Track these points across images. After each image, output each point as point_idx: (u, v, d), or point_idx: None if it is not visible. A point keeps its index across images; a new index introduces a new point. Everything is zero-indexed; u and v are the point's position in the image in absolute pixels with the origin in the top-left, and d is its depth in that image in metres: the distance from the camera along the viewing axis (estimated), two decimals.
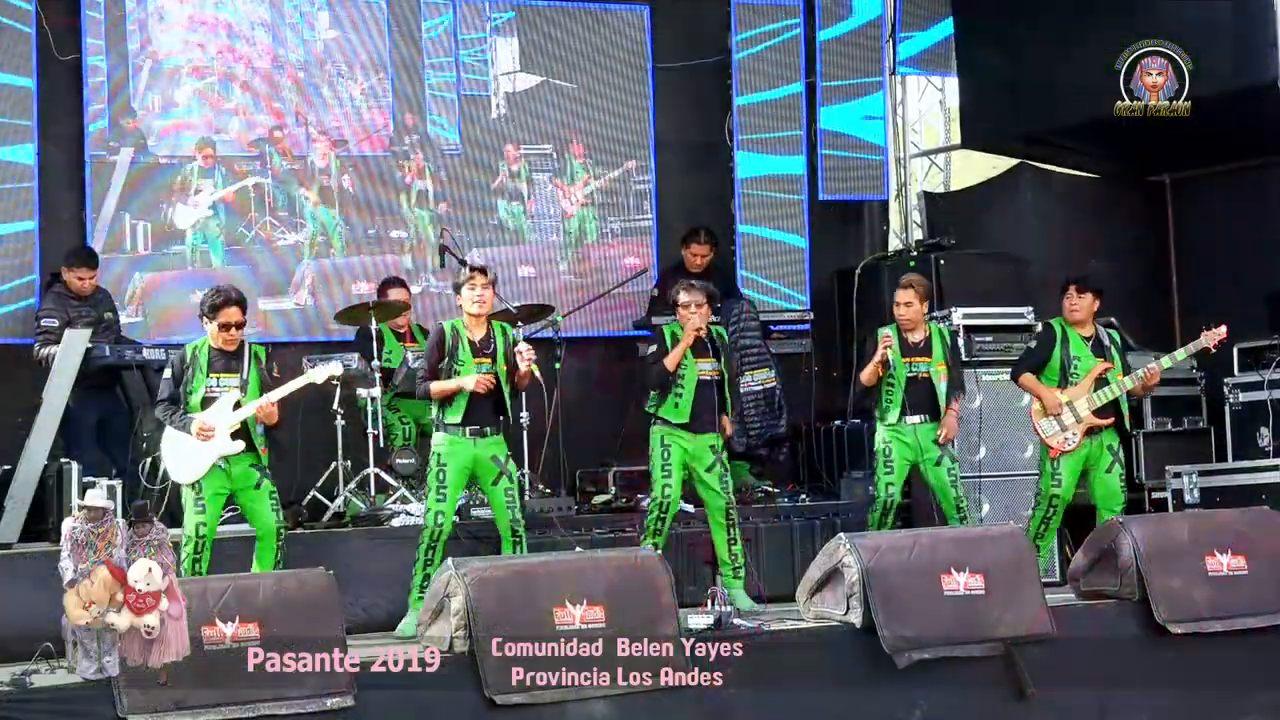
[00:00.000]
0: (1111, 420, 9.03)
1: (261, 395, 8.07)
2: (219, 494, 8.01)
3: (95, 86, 10.58)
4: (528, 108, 11.62)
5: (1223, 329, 9.20)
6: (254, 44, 11.02)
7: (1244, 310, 11.03)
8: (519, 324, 10.23)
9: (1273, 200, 11.58)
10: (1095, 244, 12.15)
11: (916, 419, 9.01)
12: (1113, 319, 10.82)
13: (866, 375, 9.06)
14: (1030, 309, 10.43)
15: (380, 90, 11.26)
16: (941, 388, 9.05)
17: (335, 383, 8.37)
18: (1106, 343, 9.18)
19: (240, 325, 8.11)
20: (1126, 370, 9.11)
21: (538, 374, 8.61)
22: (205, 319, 8.13)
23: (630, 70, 11.89)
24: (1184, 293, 12.20)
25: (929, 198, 12.97)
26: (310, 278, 11.02)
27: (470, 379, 8.22)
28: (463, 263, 10.19)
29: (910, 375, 9.01)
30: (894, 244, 12.72)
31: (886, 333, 9.06)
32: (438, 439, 8.30)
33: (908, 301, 9.08)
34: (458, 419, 8.25)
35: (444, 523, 8.20)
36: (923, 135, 13.65)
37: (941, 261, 11.20)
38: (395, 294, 10.34)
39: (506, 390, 8.36)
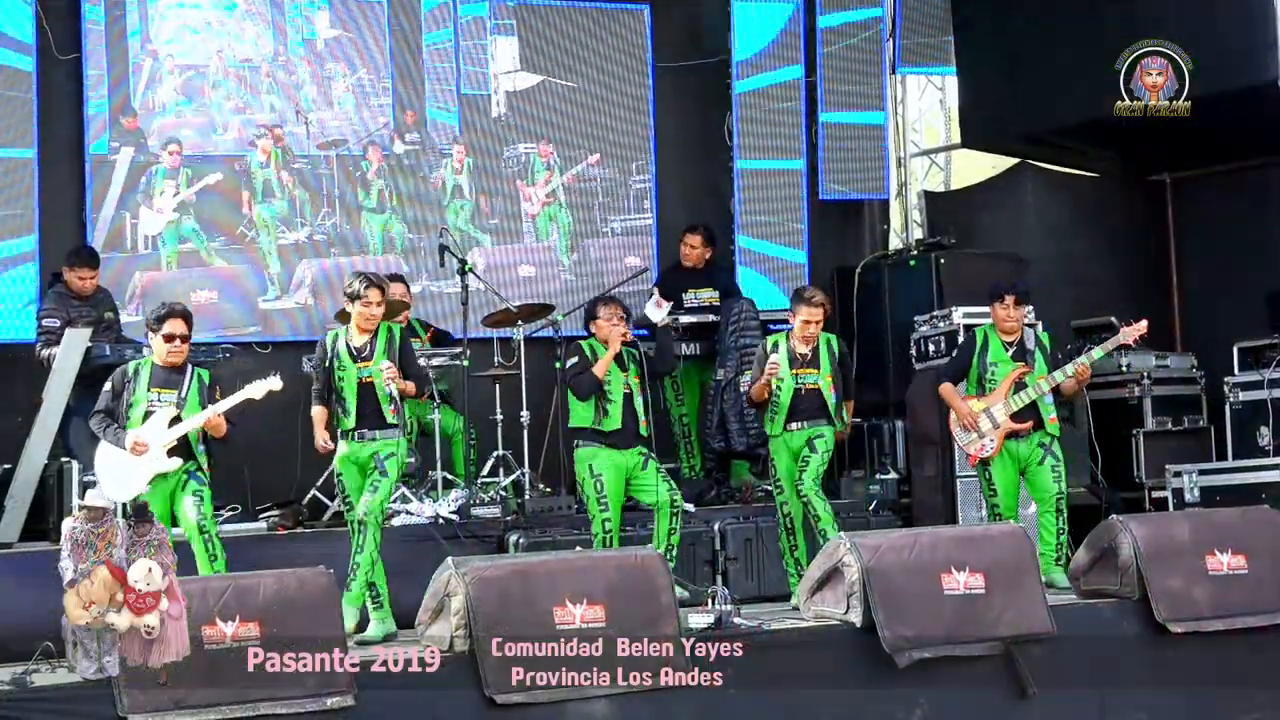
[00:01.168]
0: (1030, 424, 8.94)
1: (201, 412, 8.02)
2: (164, 506, 7.89)
3: (95, 85, 10.58)
4: (528, 107, 11.62)
5: (1143, 323, 9.16)
6: (254, 42, 11.01)
7: (1244, 310, 11.04)
8: (519, 323, 10.24)
9: (1273, 200, 11.59)
10: (1095, 243, 12.16)
11: (798, 425, 8.94)
12: (1111, 318, 10.86)
13: (755, 392, 9.04)
14: (1030, 309, 10.39)
15: (380, 88, 11.26)
16: (832, 399, 8.98)
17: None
18: (1031, 346, 9.09)
19: (185, 339, 8.09)
20: (1054, 370, 9.01)
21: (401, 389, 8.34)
22: (150, 331, 8.16)
23: (630, 69, 11.89)
24: (1184, 293, 12.20)
25: (929, 197, 12.98)
26: (310, 276, 11.02)
27: None
28: (463, 262, 10.20)
29: (798, 387, 8.94)
30: (894, 243, 12.72)
31: (775, 359, 8.94)
32: (340, 446, 8.28)
33: (816, 320, 8.98)
34: (350, 425, 8.23)
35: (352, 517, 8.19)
36: (923, 134, 13.66)
37: (941, 261, 11.20)
38: (394, 289, 10.31)
39: (380, 392, 8.21)
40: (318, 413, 8.39)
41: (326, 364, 8.31)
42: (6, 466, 8.87)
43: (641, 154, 11.89)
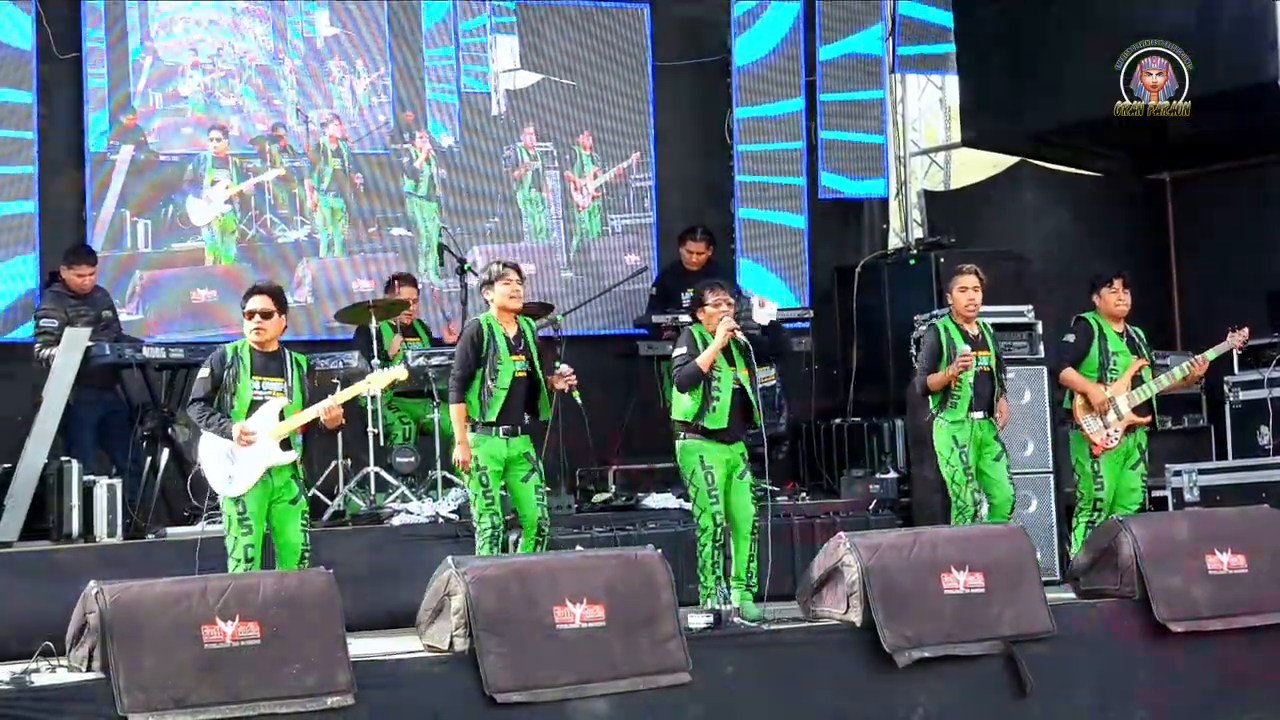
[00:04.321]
0: (1149, 419, 8.93)
1: (305, 403, 7.72)
2: (263, 508, 7.62)
3: (95, 84, 10.58)
4: (528, 105, 11.63)
5: (1245, 330, 9.20)
6: (254, 41, 11.02)
7: (1244, 309, 11.03)
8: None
9: (1273, 200, 11.60)
10: (1095, 242, 12.16)
11: (979, 414, 8.80)
12: None
13: (938, 381, 8.78)
14: (1030, 307, 10.40)
15: (380, 87, 11.26)
16: (998, 379, 8.90)
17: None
18: (1137, 339, 9.10)
19: (266, 314, 7.68)
20: (1154, 368, 9.04)
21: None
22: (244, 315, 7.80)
23: (630, 68, 11.89)
24: (1184, 292, 12.22)
25: (929, 196, 12.98)
26: (310, 275, 11.02)
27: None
28: (462, 261, 10.20)
29: (977, 370, 8.77)
30: (894, 242, 12.72)
31: (966, 350, 8.74)
32: (473, 439, 8.15)
33: (976, 287, 8.84)
34: (493, 418, 8.12)
35: (499, 522, 8.16)
36: (923, 133, 13.66)
37: (941, 260, 11.19)
38: (404, 291, 10.30)
39: (543, 391, 8.25)
40: (460, 411, 8.18)
41: (482, 352, 8.09)
42: (6, 466, 8.86)
43: (642, 152, 11.89)
